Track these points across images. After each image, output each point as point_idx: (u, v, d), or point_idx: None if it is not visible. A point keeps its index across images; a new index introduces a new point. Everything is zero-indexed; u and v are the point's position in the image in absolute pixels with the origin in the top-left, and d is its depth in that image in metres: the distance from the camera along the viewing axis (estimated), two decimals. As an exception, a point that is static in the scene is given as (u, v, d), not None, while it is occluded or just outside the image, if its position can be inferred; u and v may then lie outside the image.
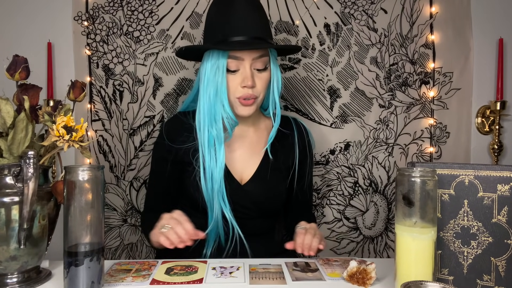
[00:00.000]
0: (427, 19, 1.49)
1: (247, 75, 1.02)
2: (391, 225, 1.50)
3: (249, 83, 1.02)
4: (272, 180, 1.13)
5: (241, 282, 0.82)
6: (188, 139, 1.09)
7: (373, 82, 1.49)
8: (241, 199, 1.10)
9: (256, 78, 1.04)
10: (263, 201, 1.12)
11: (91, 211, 0.74)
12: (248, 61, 1.02)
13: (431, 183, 0.73)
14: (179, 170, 1.12)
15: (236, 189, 1.09)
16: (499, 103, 1.45)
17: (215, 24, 1.07)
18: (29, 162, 0.76)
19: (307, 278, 0.84)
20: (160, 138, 1.14)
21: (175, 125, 1.14)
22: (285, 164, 1.17)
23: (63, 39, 1.44)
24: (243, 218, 1.10)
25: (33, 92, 0.88)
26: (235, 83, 1.04)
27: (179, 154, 1.10)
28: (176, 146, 1.09)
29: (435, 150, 1.50)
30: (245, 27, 1.02)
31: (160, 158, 1.15)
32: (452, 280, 0.78)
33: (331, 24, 1.48)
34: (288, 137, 1.17)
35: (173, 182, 1.14)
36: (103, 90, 1.45)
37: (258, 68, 1.04)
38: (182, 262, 0.93)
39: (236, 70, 1.03)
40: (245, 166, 1.13)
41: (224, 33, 1.03)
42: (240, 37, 1.02)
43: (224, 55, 1.02)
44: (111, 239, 1.47)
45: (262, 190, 1.12)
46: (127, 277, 0.84)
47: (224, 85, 1.03)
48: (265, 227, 1.17)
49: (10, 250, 0.77)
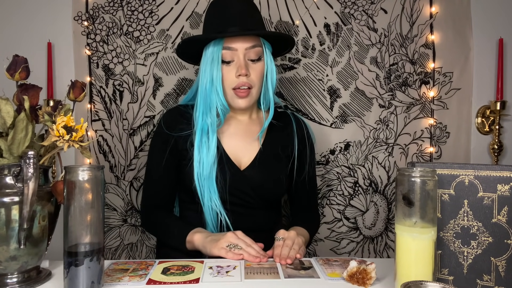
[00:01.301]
0: (427, 19, 1.49)
1: (241, 63, 1.08)
2: (391, 225, 1.50)
3: (243, 71, 1.07)
4: (271, 167, 1.16)
5: (237, 281, 0.82)
6: (186, 128, 1.13)
7: (373, 82, 1.49)
8: (241, 184, 1.12)
9: (250, 68, 1.10)
10: (262, 186, 1.14)
11: (91, 211, 0.73)
12: (241, 50, 1.08)
13: (431, 183, 0.73)
14: (177, 159, 1.15)
15: (236, 174, 1.12)
16: (499, 103, 1.45)
17: (211, 21, 1.13)
18: (29, 162, 0.76)
19: (299, 275, 0.85)
20: (159, 127, 1.17)
21: (174, 114, 1.18)
22: (285, 153, 1.20)
23: (63, 39, 1.44)
24: (243, 206, 1.12)
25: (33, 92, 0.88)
26: (231, 74, 1.09)
27: (178, 143, 1.13)
28: (174, 135, 1.13)
29: (435, 150, 1.50)
30: (238, 19, 1.09)
31: (158, 148, 1.16)
32: (452, 280, 0.78)
33: (331, 24, 1.48)
34: (287, 127, 1.22)
35: (171, 172, 1.16)
36: (103, 90, 1.45)
37: (251, 59, 1.10)
38: (179, 262, 0.93)
39: (230, 61, 1.09)
40: (244, 153, 1.16)
41: (219, 26, 1.09)
42: (234, 28, 1.08)
43: (219, 47, 1.08)
44: (111, 239, 1.47)
45: (262, 175, 1.14)
46: (124, 276, 0.84)
47: (219, 75, 1.09)
48: (267, 222, 1.18)
49: (10, 250, 0.77)
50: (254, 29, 1.10)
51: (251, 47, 1.08)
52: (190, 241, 1.05)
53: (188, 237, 1.05)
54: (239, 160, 1.15)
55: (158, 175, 1.16)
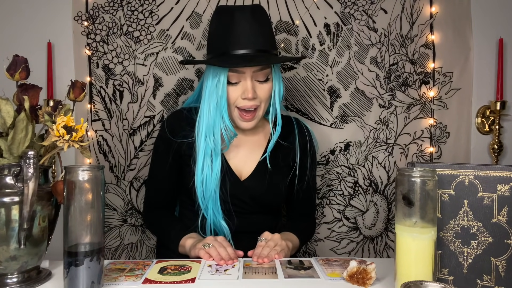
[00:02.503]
0: (427, 19, 1.49)
1: (248, 87, 1.03)
2: (391, 225, 1.50)
3: (250, 95, 1.02)
4: (271, 178, 1.14)
5: (234, 279, 0.83)
6: (190, 134, 1.10)
7: (373, 82, 1.49)
8: (240, 194, 1.11)
9: (258, 89, 1.05)
10: (261, 197, 1.13)
11: (91, 211, 0.74)
12: (249, 74, 1.03)
13: (431, 183, 0.73)
14: (179, 164, 1.14)
15: (236, 184, 1.11)
16: (499, 103, 1.45)
17: (217, 36, 1.07)
18: (29, 162, 0.76)
19: (299, 275, 0.85)
20: (162, 131, 1.15)
21: (178, 119, 1.15)
22: (285, 162, 1.17)
23: (63, 39, 1.44)
24: (242, 212, 1.11)
25: (33, 92, 0.88)
26: (236, 94, 1.05)
27: (181, 149, 1.12)
28: (177, 141, 1.11)
29: (435, 150, 1.50)
30: (246, 39, 1.02)
31: (162, 151, 1.16)
32: (452, 280, 0.78)
33: (331, 24, 1.48)
34: (289, 135, 1.18)
35: (173, 175, 1.15)
36: (103, 90, 1.45)
37: (259, 80, 1.05)
38: (176, 262, 0.94)
39: (237, 82, 1.04)
40: (245, 162, 1.14)
41: (225, 45, 1.03)
42: (242, 51, 1.02)
43: (225, 69, 1.02)
44: (111, 239, 1.47)
45: (262, 186, 1.12)
46: (120, 276, 0.84)
47: (225, 98, 1.04)
48: (265, 224, 1.17)
49: (10, 250, 0.77)
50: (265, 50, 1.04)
51: (259, 70, 1.03)
52: (182, 245, 1.05)
53: (181, 242, 1.06)
54: (240, 170, 1.13)
55: (161, 176, 1.16)
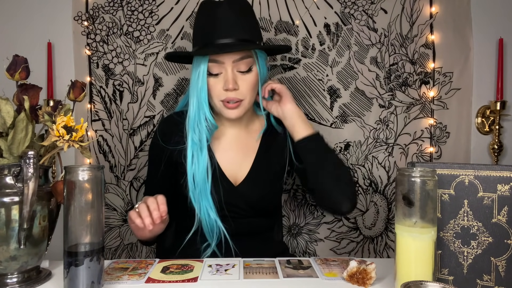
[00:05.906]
0: (427, 19, 1.49)
1: (228, 78, 1.00)
2: (391, 225, 1.50)
3: (230, 86, 1.00)
4: (266, 181, 1.12)
5: (235, 279, 0.83)
6: (181, 140, 1.08)
7: (373, 82, 1.49)
8: (234, 200, 1.08)
9: (240, 80, 1.02)
10: (256, 202, 1.11)
11: (91, 211, 0.74)
12: (229, 63, 1.00)
13: (431, 183, 0.73)
14: (173, 171, 1.12)
15: (229, 190, 1.08)
16: (499, 103, 1.45)
17: (199, 28, 1.06)
18: (29, 162, 0.76)
19: (298, 275, 0.85)
20: (155, 138, 1.14)
21: (169, 126, 1.13)
22: (280, 163, 1.15)
23: (63, 39, 1.44)
24: (238, 217, 1.09)
25: (33, 92, 0.88)
26: (219, 87, 1.03)
27: (173, 155, 1.09)
28: (170, 148, 1.08)
29: (435, 150, 1.50)
30: (227, 29, 1.01)
31: (154, 158, 1.15)
32: (452, 280, 0.78)
33: (331, 24, 1.48)
34: (281, 135, 1.15)
35: (167, 183, 1.13)
36: (103, 90, 1.45)
37: (241, 70, 1.02)
38: (178, 261, 0.94)
39: (218, 73, 1.02)
40: (238, 167, 1.11)
41: (207, 37, 1.02)
42: (223, 40, 1.00)
43: (205, 59, 1.00)
44: (111, 239, 1.47)
45: (256, 191, 1.10)
46: (123, 275, 0.84)
47: (205, 90, 1.03)
48: (262, 226, 1.16)
49: (10, 250, 0.77)
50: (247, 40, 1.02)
51: (240, 59, 1.00)
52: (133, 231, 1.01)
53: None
54: (234, 175, 1.10)
55: (156, 180, 1.16)
